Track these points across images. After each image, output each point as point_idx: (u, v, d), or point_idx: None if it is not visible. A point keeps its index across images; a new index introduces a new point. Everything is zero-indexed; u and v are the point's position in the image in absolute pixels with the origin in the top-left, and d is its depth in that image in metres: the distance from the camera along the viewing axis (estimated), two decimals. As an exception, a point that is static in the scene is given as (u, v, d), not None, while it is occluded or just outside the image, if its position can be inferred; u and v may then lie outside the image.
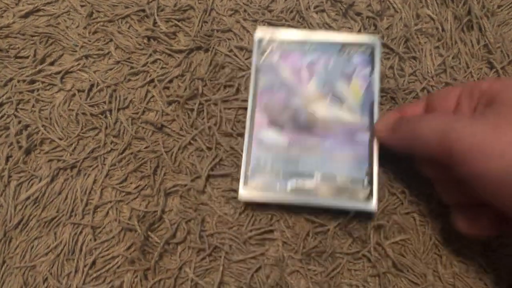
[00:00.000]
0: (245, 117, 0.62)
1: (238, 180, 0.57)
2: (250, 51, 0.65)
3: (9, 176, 0.61)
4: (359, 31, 0.65)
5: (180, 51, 0.65)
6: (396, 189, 0.59)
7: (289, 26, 0.65)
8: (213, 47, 0.65)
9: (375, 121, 0.57)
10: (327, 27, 0.65)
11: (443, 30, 0.64)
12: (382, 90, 0.62)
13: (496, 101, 0.45)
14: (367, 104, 0.58)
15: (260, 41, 0.61)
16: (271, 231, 0.59)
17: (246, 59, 0.65)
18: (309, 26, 0.65)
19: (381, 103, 0.62)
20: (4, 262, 0.58)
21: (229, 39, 0.65)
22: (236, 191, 0.59)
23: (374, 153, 0.56)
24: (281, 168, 0.56)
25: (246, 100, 0.63)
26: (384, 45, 0.64)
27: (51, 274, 0.57)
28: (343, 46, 0.60)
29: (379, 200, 0.59)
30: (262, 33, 0.61)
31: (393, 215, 0.58)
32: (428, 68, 0.63)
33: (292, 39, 0.61)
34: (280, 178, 0.56)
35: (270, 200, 0.56)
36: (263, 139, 0.57)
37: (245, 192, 0.56)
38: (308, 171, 0.56)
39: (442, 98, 0.52)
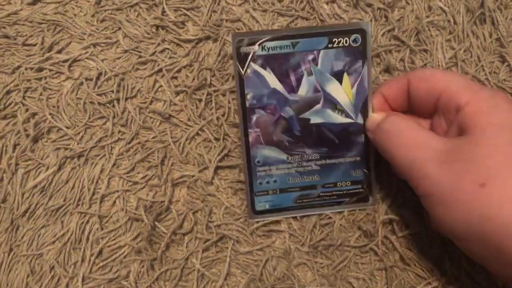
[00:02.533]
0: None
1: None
2: (260, 42, 0.64)
3: (17, 164, 0.60)
4: (370, 22, 0.64)
5: (189, 41, 0.64)
6: (404, 183, 0.59)
7: (299, 17, 0.64)
8: (222, 37, 0.64)
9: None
10: (338, 18, 0.64)
11: (455, 22, 0.64)
12: (392, 83, 0.62)
13: (469, 132, 0.43)
14: (360, 101, 0.55)
15: (239, 48, 0.54)
16: (278, 223, 0.59)
17: (255, 49, 0.64)
18: (319, 17, 0.64)
19: (391, 96, 0.61)
20: (11, 250, 0.58)
21: (238, 29, 0.65)
22: (242, 182, 0.59)
23: (371, 152, 0.56)
24: (284, 184, 0.56)
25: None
26: (395, 37, 0.63)
27: (58, 262, 0.57)
28: (330, 38, 0.54)
29: (387, 194, 0.58)
30: (240, 39, 0.54)
31: (401, 209, 0.58)
32: (439, 61, 0.63)
33: (274, 41, 0.54)
34: (285, 194, 0.56)
35: (279, 216, 0.58)
36: (261, 159, 0.56)
37: (255, 216, 0.57)
38: (309, 183, 0.56)
39: (422, 96, 0.50)
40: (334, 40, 0.54)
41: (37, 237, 0.58)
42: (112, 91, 0.63)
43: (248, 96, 0.56)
